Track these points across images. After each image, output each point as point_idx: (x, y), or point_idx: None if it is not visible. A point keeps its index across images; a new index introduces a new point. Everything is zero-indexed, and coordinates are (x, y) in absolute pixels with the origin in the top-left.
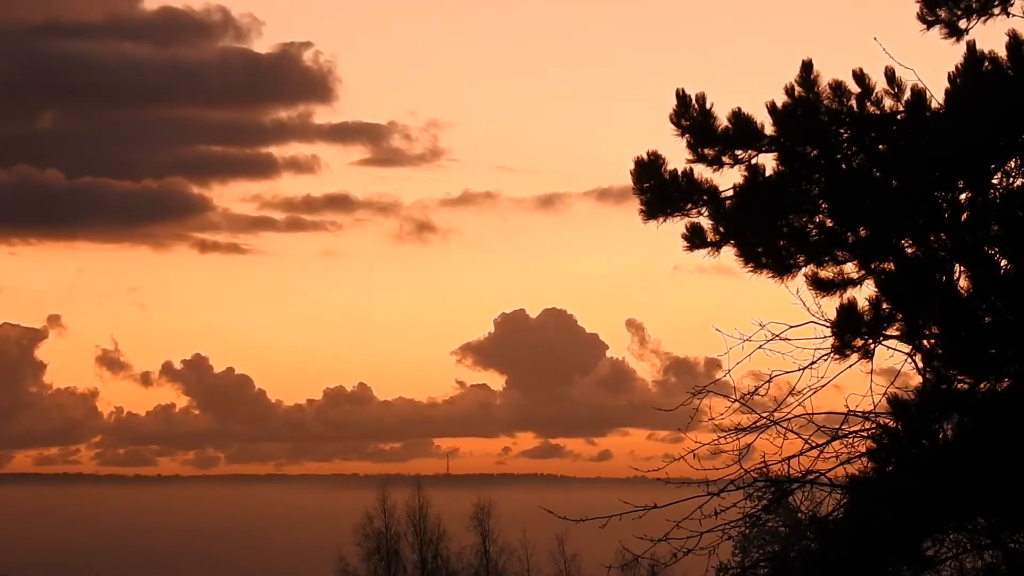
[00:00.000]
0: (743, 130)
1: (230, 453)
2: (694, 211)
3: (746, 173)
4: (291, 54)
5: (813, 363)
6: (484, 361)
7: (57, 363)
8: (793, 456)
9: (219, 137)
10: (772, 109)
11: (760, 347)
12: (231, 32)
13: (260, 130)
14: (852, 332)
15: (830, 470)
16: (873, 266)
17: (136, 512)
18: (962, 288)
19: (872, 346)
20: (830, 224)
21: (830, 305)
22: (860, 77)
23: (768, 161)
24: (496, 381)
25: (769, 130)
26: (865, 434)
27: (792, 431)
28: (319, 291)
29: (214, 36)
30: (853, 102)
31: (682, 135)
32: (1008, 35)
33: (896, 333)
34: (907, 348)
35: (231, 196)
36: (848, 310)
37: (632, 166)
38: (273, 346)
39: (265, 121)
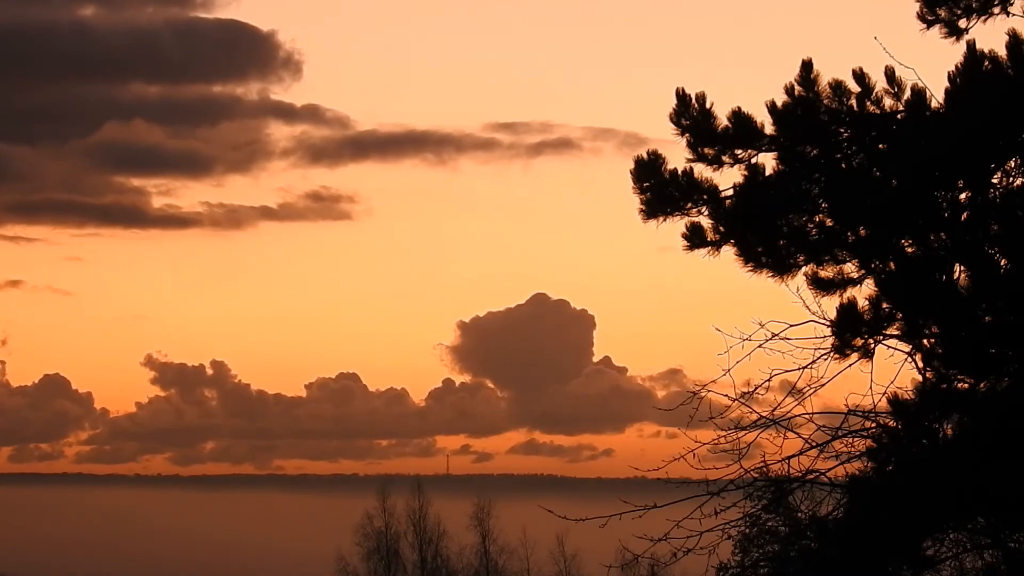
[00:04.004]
0: (743, 129)
1: (222, 450)
2: (694, 210)
3: (746, 172)
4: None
5: (813, 362)
6: (483, 357)
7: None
8: (793, 456)
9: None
10: (772, 109)
11: (760, 346)
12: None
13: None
14: (852, 331)
15: (830, 470)
16: (873, 266)
17: (131, 512)
18: (962, 288)
19: (872, 346)
20: (830, 224)
21: (830, 304)
22: (860, 77)
23: (768, 161)
24: (494, 378)
25: (769, 129)
26: (865, 434)
27: (792, 431)
28: (276, 275)
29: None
30: (853, 102)
31: (682, 134)
32: (1008, 35)
33: (896, 333)
34: (907, 348)
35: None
36: (848, 309)
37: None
38: (252, 335)
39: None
